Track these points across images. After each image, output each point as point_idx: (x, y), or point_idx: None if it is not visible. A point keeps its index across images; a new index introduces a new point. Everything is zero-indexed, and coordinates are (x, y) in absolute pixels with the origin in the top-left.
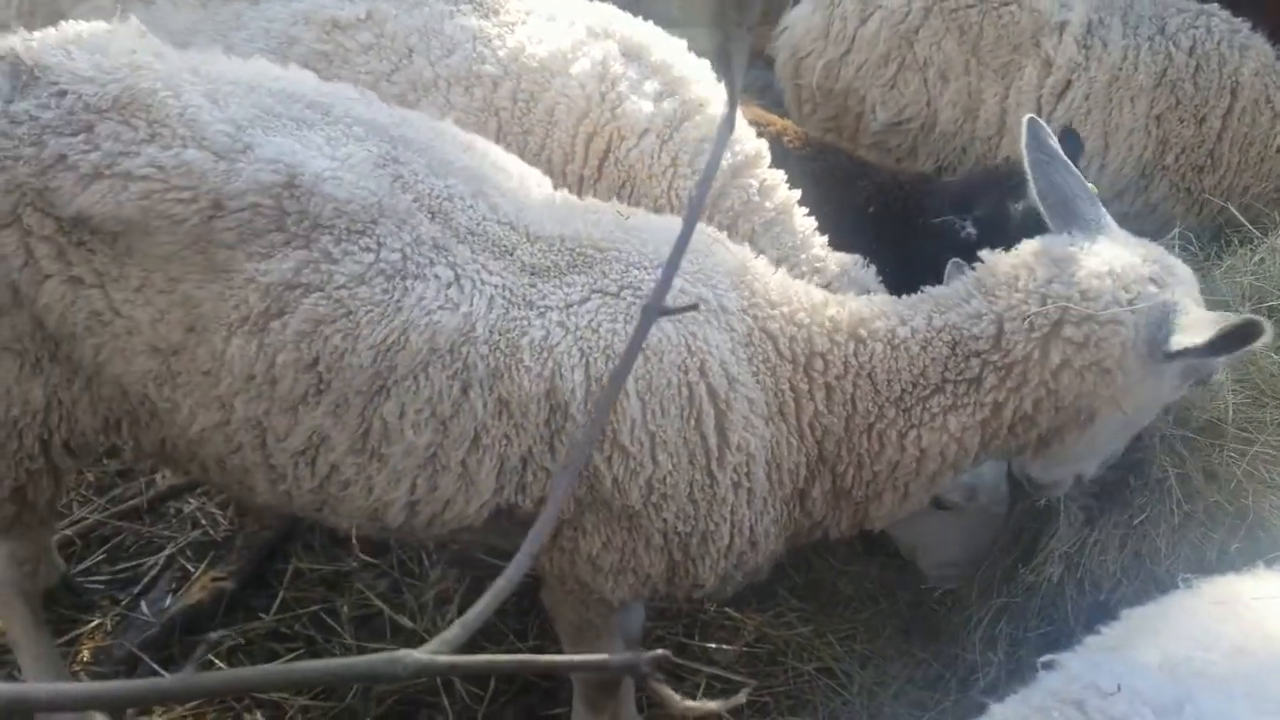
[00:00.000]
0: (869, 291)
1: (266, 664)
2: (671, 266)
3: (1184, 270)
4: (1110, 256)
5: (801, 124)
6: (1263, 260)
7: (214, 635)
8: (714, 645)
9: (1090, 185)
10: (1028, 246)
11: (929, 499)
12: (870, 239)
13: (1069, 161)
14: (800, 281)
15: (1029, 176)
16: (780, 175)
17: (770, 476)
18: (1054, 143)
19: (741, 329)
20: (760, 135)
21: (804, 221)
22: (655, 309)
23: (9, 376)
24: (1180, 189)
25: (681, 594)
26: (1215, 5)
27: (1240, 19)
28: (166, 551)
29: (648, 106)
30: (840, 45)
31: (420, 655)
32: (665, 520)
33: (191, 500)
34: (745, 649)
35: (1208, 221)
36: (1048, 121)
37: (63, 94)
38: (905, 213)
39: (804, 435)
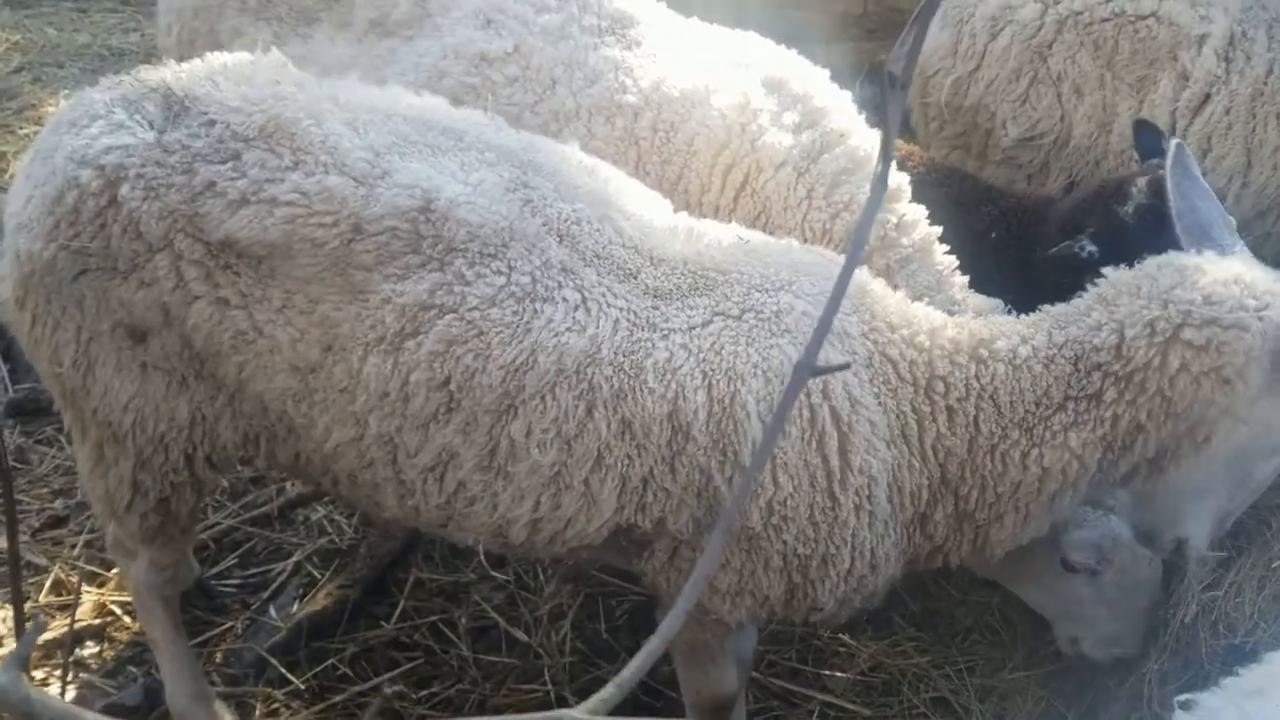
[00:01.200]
0: None
1: (388, 673)
2: (824, 326)
3: None
4: (1240, 269)
5: (928, 142)
6: None
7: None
8: (828, 672)
9: (1230, 217)
10: (1152, 260)
11: (1048, 524)
12: (992, 265)
13: (1210, 190)
14: (919, 304)
15: (1169, 196)
16: (921, 211)
17: (892, 500)
18: (1197, 170)
19: (863, 352)
20: None
21: (943, 260)
22: (807, 368)
23: (157, 394)
24: None
25: (799, 617)
26: None
27: None
28: (295, 558)
29: (787, 139)
30: (970, 61)
31: (578, 715)
32: (785, 542)
33: (319, 508)
34: (860, 677)
35: None
36: (1183, 136)
37: (211, 124)
38: (1027, 238)
39: (926, 458)
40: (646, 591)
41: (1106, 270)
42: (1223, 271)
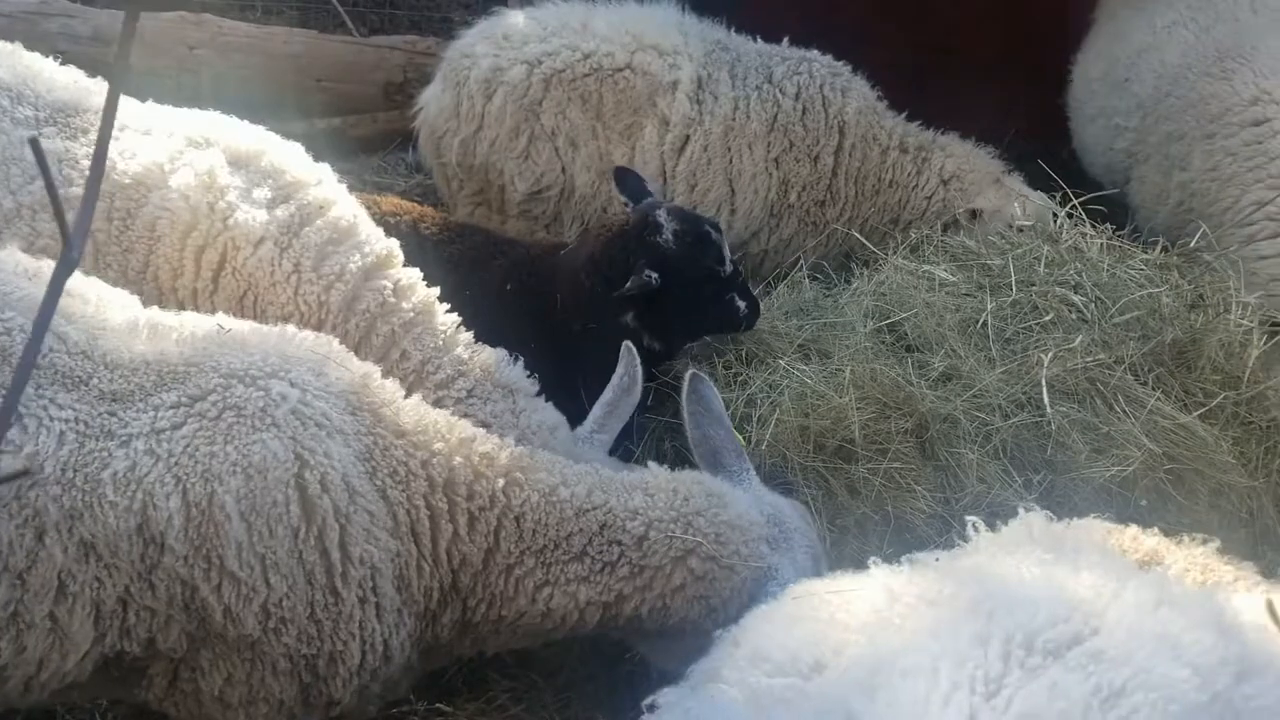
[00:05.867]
0: (516, 389)
1: None
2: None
3: (800, 534)
4: (743, 511)
5: (454, 201)
6: (884, 280)
7: None
8: None
9: (740, 438)
10: (696, 476)
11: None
12: (513, 317)
13: (722, 416)
14: (444, 414)
15: (687, 425)
16: (416, 274)
17: (401, 591)
18: (711, 395)
19: (359, 447)
20: (397, 224)
21: (446, 319)
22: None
23: None
24: (807, 223)
25: (319, 715)
26: (815, 51)
27: (841, 63)
28: None
29: (261, 214)
30: (472, 122)
31: None
32: (288, 645)
33: None
34: None
35: (835, 250)
36: (672, 176)
37: None
38: (540, 285)
39: (439, 561)
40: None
41: (651, 464)
42: (733, 514)
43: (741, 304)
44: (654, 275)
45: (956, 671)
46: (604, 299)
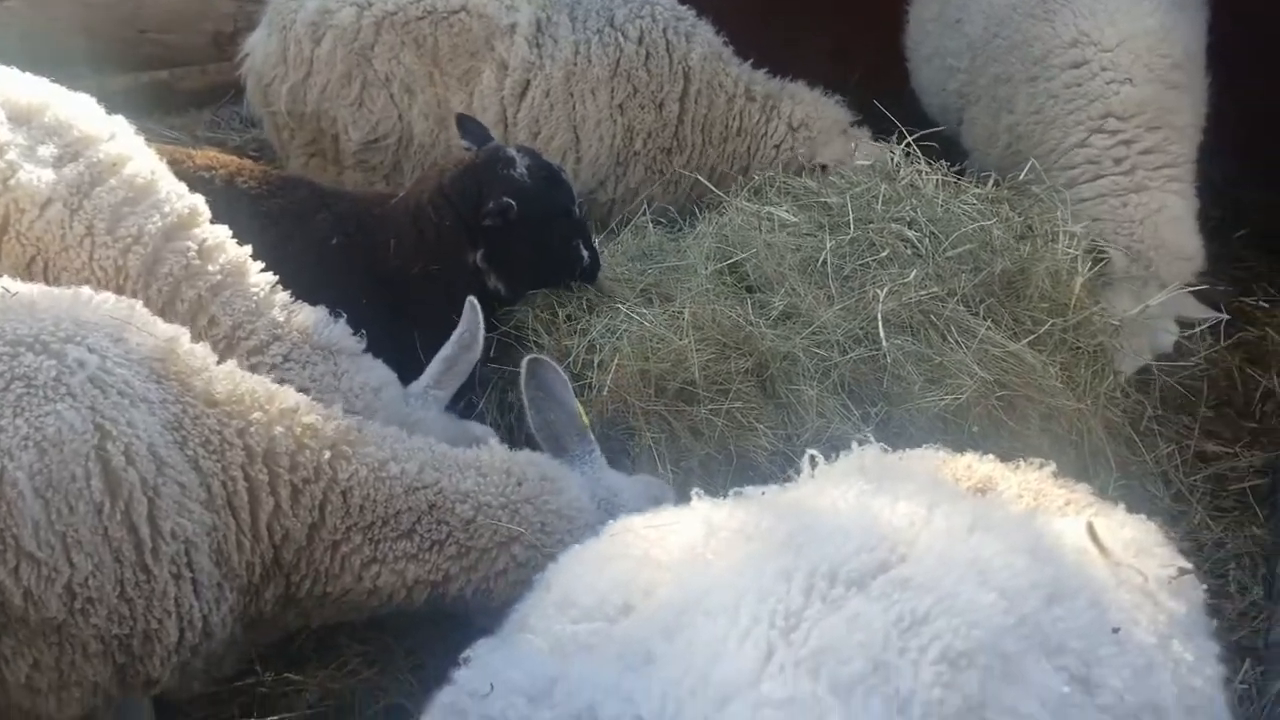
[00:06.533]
0: (338, 349)
1: None
2: None
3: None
4: (573, 499)
5: (286, 152)
6: (727, 222)
7: None
8: (278, 717)
9: (583, 414)
10: (532, 459)
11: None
12: (342, 271)
13: (564, 398)
14: (263, 381)
15: (527, 411)
16: (225, 232)
17: (220, 565)
18: (551, 377)
19: (166, 415)
20: (211, 180)
21: (259, 280)
22: None
23: None
24: (654, 171)
25: (139, 694)
26: None
27: (685, 6)
28: None
29: (48, 174)
30: (300, 68)
31: None
32: (97, 626)
33: None
34: (309, 712)
35: (683, 198)
36: (514, 123)
37: None
38: (371, 237)
39: (259, 536)
40: None
41: (493, 442)
42: (563, 501)
43: (585, 253)
44: (513, 203)
45: (758, 607)
46: (450, 236)
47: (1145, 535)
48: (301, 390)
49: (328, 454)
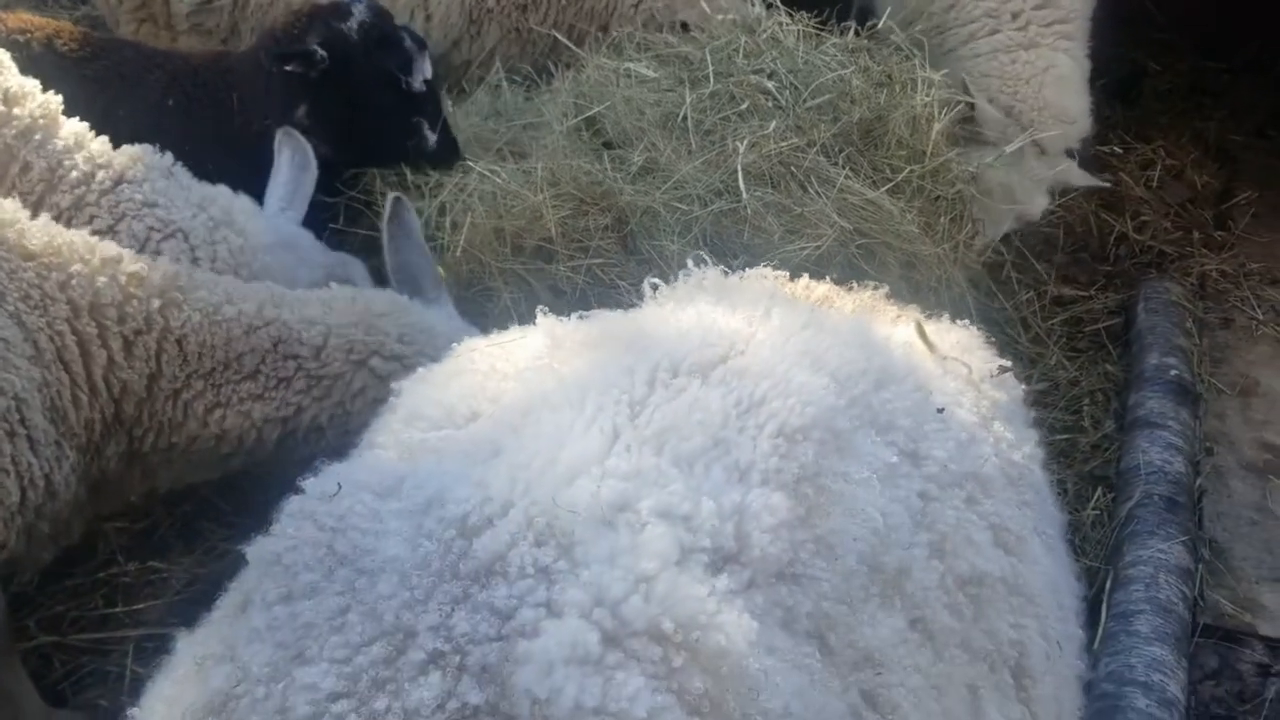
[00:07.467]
0: (173, 171)
1: None
2: None
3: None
4: (435, 321)
5: (114, 18)
6: (585, 79)
7: None
8: (141, 605)
9: (440, 270)
10: (377, 291)
11: (217, 474)
12: (180, 134)
13: (423, 243)
14: (81, 234)
15: (385, 250)
16: (32, 83)
17: (56, 423)
18: (412, 220)
19: None
20: (27, 43)
21: (73, 125)
22: None
23: None
24: (509, 29)
25: None
26: None
27: None
28: None
29: None
30: None
31: None
32: None
33: None
34: (178, 598)
35: (541, 57)
36: None
37: None
38: (211, 94)
39: (97, 390)
40: None
41: (335, 285)
42: (424, 320)
43: (430, 134)
44: (322, 54)
45: (602, 397)
46: (280, 87)
47: (970, 339)
48: (148, 206)
49: (157, 302)
